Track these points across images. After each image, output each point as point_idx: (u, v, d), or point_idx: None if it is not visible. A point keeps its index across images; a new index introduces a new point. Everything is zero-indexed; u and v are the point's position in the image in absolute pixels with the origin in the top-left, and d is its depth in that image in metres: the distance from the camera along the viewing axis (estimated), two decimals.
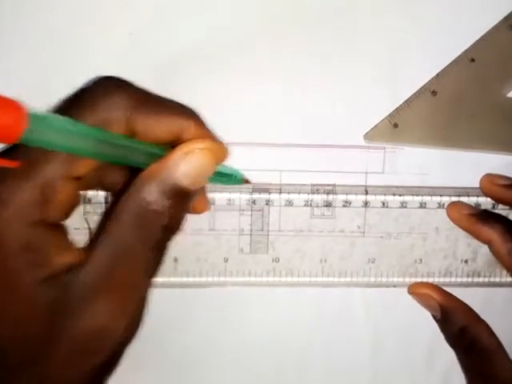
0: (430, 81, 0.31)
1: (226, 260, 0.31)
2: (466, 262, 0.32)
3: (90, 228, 0.31)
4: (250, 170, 0.31)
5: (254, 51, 0.30)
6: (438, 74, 0.31)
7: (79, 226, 0.31)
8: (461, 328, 0.25)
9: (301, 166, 0.31)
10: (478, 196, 0.31)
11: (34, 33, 0.29)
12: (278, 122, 0.31)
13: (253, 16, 0.30)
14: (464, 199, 0.31)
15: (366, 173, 0.32)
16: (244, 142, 0.31)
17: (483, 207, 0.31)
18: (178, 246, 0.30)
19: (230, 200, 0.31)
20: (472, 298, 0.28)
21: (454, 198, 0.31)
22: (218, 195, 0.30)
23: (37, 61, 0.29)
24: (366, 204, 0.31)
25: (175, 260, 0.31)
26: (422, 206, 0.31)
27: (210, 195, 0.30)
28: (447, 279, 0.32)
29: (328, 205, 0.31)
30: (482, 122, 0.31)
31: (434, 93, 0.31)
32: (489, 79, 0.31)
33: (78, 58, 0.29)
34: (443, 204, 0.31)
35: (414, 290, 0.28)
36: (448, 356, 0.33)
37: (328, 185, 0.31)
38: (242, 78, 0.30)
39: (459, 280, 0.32)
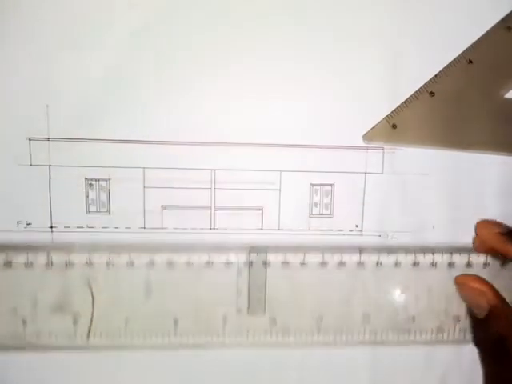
0: (428, 82, 0.31)
1: (224, 320, 0.32)
2: (458, 319, 0.33)
3: (93, 227, 0.31)
4: (250, 169, 0.31)
5: (253, 51, 0.30)
6: (436, 75, 0.31)
7: (82, 225, 0.31)
8: (500, 336, 0.24)
9: (300, 166, 0.31)
10: (469, 253, 0.32)
11: (35, 31, 0.29)
12: (277, 122, 0.31)
13: (253, 16, 0.30)
14: (456, 256, 0.32)
15: (365, 173, 0.32)
16: (244, 142, 0.31)
17: (475, 265, 0.32)
18: (178, 307, 0.31)
19: (227, 262, 0.31)
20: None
21: (446, 256, 0.32)
22: (216, 257, 0.31)
23: (38, 60, 0.29)
24: (360, 264, 0.32)
25: (175, 321, 0.31)
26: (416, 264, 0.32)
27: (208, 257, 0.31)
28: (439, 336, 0.33)
29: (323, 265, 0.32)
30: (480, 122, 0.31)
31: (432, 94, 0.31)
32: (486, 80, 0.31)
33: (78, 58, 0.29)
34: (435, 263, 0.32)
35: (465, 281, 0.26)
36: (446, 356, 0.34)
37: (327, 184, 0.32)
38: (241, 78, 0.30)
39: (451, 337, 0.33)
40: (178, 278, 0.31)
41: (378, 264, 0.32)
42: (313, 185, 0.32)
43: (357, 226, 0.32)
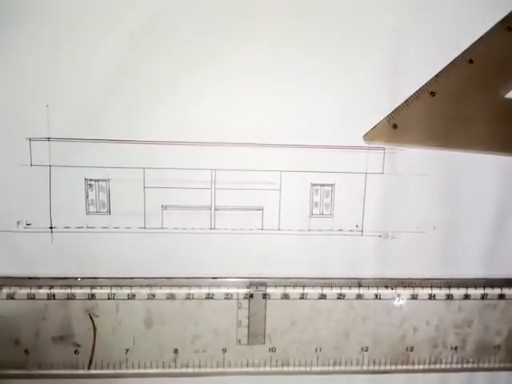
0: (428, 82, 0.31)
1: (224, 351, 0.32)
2: (456, 349, 0.34)
3: (92, 228, 0.31)
4: (250, 169, 0.31)
5: (254, 51, 0.30)
6: (436, 75, 0.31)
7: (82, 225, 0.31)
8: None
9: (301, 166, 0.31)
10: (467, 287, 0.33)
11: (35, 32, 0.29)
12: (278, 122, 0.31)
13: (253, 16, 0.30)
14: (454, 290, 0.33)
15: (366, 173, 0.32)
16: (244, 142, 0.31)
17: (473, 296, 0.33)
18: (178, 338, 0.32)
19: (228, 294, 0.32)
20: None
21: (444, 290, 0.33)
22: (217, 290, 0.32)
23: (38, 60, 0.29)
24: (359, 297, 0.33)
25: (175, 351, 0.32)
26: (414, 297, 0.33)
27: (208, 290, 0.32)
28: (437, 366, 0.34)
29: (322, 297, 0.32)
30: (481, 122, 0.31)
31: (432, 94, 0.31)
32: (487, 80, 0.31)
33: (78, 58, 0.29)
34: (434, 295, 0.33)
35: None
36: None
37: (327, 185, 0.32)
38: (242, 78, 0.30)
39: (448, 366, 0.34)
40: (178, 310, 0.32)
41: (376, 296, 0.33)
42: (313, 185, 0.32)
43: (357, 226, 0.32)
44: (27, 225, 0.31)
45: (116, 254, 0.31)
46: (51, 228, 0.31)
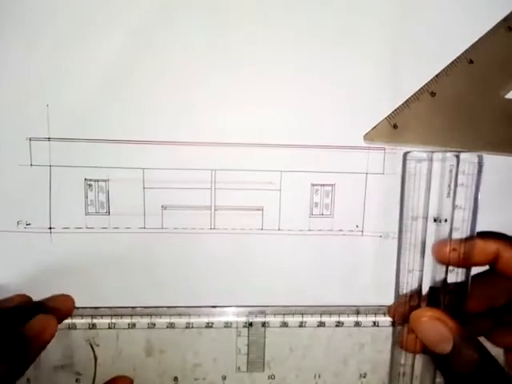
0: (429, 82, 0.31)
1: (223, 378, 0.33)
2: None
3: (92, 228, 0.31)
4: (250, 170, 0.31)
5: (253, 51, 0.30)
6: (437, 76, 0.31)
7: (81, 226, 0.31)
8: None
9: (301, 166, 0.31)
10: None
11: (35, 32, 0.29)
12: (278, 122, 0.31)
13: (253, 16, 0.30)
14: None
15: (367, 173, 0.32)
16: (244, 142, 0.31)
17: None
18: (178, 366, 0.32)
19: (227, 322, 0.32)
20: None
21: None
22: (216, 319, 0.32)
23: (38, 60, 0.29)
24: (357, 324, 0.33)
25: (175, 379, 0.32)
26: None
27: (207, 319, 0.32)
28: None
29: (321, 325, 0.33)
30: (481, 123, 0.31)
31: (433, 94, 0.31)
32: (487, 80, 0.31)
33: (79, 58, 0.29)
34: None
35: (422, 313, 0.23)
36: None
37: (328, 185, 0.32)
38: (241, 78, 0.30)
39: None
40: (178, 339, 0.32)
41: (374, 323, 0.33)
42: (313, 185, 0.32)
43: (357, 226, 0.32)
44: (27, 225, 0.31)
45: (116, 254, 0.31)
46: (50, 228, 0.31)
